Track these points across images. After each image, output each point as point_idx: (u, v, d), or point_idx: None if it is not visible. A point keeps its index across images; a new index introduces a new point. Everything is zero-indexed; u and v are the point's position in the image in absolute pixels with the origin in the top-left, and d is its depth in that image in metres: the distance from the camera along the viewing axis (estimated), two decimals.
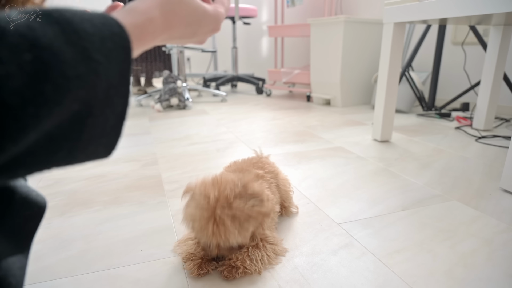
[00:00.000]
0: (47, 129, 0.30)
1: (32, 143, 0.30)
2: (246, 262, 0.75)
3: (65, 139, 0.32)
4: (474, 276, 0.75)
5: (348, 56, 2.78)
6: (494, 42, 1.91)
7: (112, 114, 0.34)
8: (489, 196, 1.15)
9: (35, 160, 0.32)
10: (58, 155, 0.33)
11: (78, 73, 0.30)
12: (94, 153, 0.36)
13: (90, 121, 0.32)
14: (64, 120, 0.30)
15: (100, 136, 0.35)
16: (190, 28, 0.47)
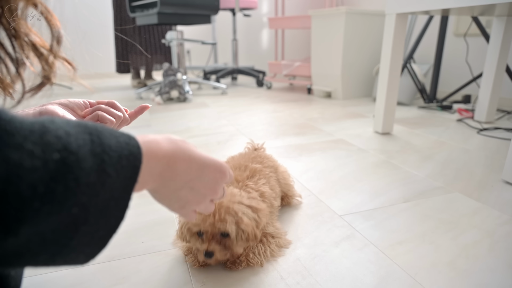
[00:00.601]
0: (40, 230, 0.30)
1: (23, 242, 0.30)
2: (250, 255, 0.75)
3: (53, 243, 0.32)
4: (476, 268, 0.75)
5: (349, 48, 2.77)
6: (497, 33, 1.90)
7: (104, 226, 0.35)
8: (491, 188, 1.15)
9: (18, 260, 0.31)
10: (40, 258, 0.33)
11: (89, 182, 0.31)
12: (73, 260, 0.35)
13: (83, 228, 0.33)
14: (60, 222, 0.31)
15: (87, 244, 0.35)
16: (192, 173, 0.47)
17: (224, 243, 0.73)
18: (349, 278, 0.72)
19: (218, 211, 0.71)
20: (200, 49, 4.37)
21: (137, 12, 2.84)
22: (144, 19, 2.78)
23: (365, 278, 0.72)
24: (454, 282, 0.71)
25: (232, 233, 0.72)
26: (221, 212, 0.71)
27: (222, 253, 0.73)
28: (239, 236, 0.73)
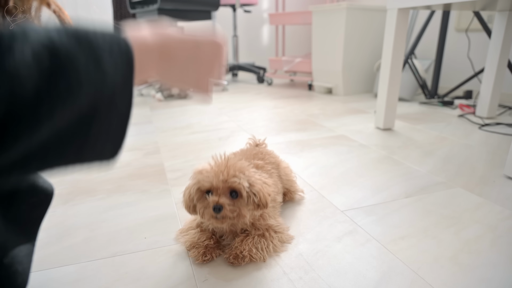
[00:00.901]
0: (57, 129, 0.33)
1: (45, 139, 0.32)
2: (253, 251, 0.75)
3: (73, 137, 0.35)
4: (478, 262, 0.75)
5: (350, 44, 2.76)
6: (498, 28, 1.89)
7: (116, 116, 0.37)
8: (493, 183, 1.15)
9: (46, 155, 0.34)
10: (67, 152, 0.35)
11: (89, 79, 0.33)
12: (102, 152, 0.38)
13: (96, 122, 0.35)
14: (74, 114, 0.33)
15: (107, 133, 0.37)
16: (188, 52, 0.48)
17: (233, 202, 0.73)
18: (351, 273, 0.72)
19: (230, 169, 0.72)
20: None
21: (137, 8, 2.83)
22: (144, 16, 2.78)
23: (367, 273, 0.72)
24: (457, 277, 0.71)
25: (243, 191, 0.71)
26: (234, 170, 0.72)
27: (230, 209, 0.71)
28: (250, 199, 0.73)
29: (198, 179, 0.74)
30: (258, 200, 0.73)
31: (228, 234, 0.82)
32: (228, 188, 0.72)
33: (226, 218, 0.72)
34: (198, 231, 0.81)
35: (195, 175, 0.75)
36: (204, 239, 0.79)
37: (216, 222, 0.73)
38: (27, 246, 0.60)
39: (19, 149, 0.31)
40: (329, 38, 2.83)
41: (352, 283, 0.69)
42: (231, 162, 0.74)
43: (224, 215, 0.71)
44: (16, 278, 0.56)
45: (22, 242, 0.58)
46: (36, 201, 0.60)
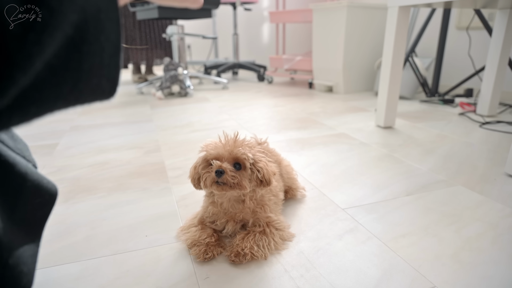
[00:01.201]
0: (47, 59, 0.31)
1: (37, 76, 0.31)
2: (254, 248, 0.75)
3: (65, 69, 0.32)
4: (479, 260, 0.75)
5: (351, 42, 2.76)
6: (499, 26, 1.89)
7: (106, 42, 0.35)
8: (494, 181, 1.15)
9: (42, 94, 0.32)
10: (63, 89, 0.33)
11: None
12: (98, 88, 0.36)
13: (85, 49, 0.33)
14: (60, 46, 0.31)
15: (100, 66, 0.35)
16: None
17: (236, 172, 0.75)
18: (352, 270, 0.72)
19: (237, 142, 0.76)
20: (201, 44, 4.36)
21: (137, 6, 2.83)
22: (145, 14, 2.77)
23: (368, 271, 0.72)
24: (458, 275, 0.71)
25: (246, 163, 0.75)
26: (241, 144, 0.76)
27: (232, 176, 0.73)
28: (253, 175, 0.76)
29: (205, 149, 0.78)
30: (261, 176, 0.76)
31: (229, 226, 0.82)
32: (233, 158, 0.75)
33: (227, 185, 0.74)
34: (199, 229, 0.82)
35: (203, 146, 0.79)
36: (205, 236, 0.79)
37: (217, 188, 0.75)
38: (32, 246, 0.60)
39: (15, 90, 0.29)
40: (329, 36, 2.83)
41: (353, 281, 0.69)
42: (239, 139, 0.79)
43: (225, 180, 0.73)
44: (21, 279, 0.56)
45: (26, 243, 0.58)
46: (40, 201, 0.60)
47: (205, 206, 0.85)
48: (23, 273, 0.55)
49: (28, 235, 0.59)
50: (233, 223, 0.82)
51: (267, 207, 0.83)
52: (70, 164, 1.32)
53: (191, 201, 1.03)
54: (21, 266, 0.55)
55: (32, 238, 0.60)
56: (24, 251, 0.57)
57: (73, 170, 1.27)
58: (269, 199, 0.85)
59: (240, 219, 0.82)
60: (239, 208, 0.81)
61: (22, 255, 0.56)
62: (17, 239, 0.56)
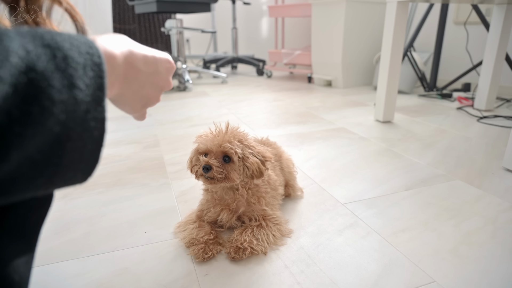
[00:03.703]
0: (29, 153, 0.31)
1: (15, 167, 0.30)
2: (253, 242, 0.75)
3: (45, 164, 0.32)
4: (479, 254, 0.76)
5: (350, 37, 2.75)
6: (496, 21, 1.88)
7: (89, 139, 0.35)
8: (492, 175, 1.15)
9: (16, 186, 0.32)
10: (38, 182, 0.33)
11: (62, 99, 0.31)
12: (72, 179, 0.36)
13: (69, 145, 0.33)
14: (46, 142, 0.31)
15: (79, 161, 0.35)
16: (150, 67, 0.49)
17: (224, 166, 0.77)
18: (353, 266, 0.72)
19: (227, 136, 0.77)
20: (200, 38, 4.33)
21: (136, 0, 2.81)
22: (143, 8, 2.75)
23: (369, 266, 0.72)
24: (457, 269, 0.71)
25: (234, 157, 0.76)
26: (230, 137, 0.77)
27: (219, 170, 0.75)
28: (244, 170, 0.78)
29: (197, 141, 0.80)
30: (250, 172, 0.78)
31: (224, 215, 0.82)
32: (221, 152, 0.77)
33: (214, 180, 0.76)
34: (197, 226, 0.81)
35: (196, 138, 0.81)
36: (203, 234, 0.78)
37: (205, 181, 0.78)
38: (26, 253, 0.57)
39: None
40: (328, 30, 2.82)
41: (353, 276, 0.69)
42: (232, 130, 0.79)
43: (212, 175, 0.75)
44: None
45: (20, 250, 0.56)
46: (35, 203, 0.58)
47: (202, 199, 0.86)
48: (14, 282, 0.53)
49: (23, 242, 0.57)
50: (227, 211, 0.82)
51: (262, 199, 0.83)
52: None
53: (191, 197, 1.03)
54: (13, 275, 0.53)
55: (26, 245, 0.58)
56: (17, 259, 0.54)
57: None
58: (265, 191, 0.84)
59: (234, 208, 0.82)
60: (232, 196, 0.82)
61: (15, 263, 0.54)
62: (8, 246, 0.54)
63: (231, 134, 0.78)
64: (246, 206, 0.82)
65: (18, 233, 0.56)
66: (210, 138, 0.78)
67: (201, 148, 0.78)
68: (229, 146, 0.75)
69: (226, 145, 0.76)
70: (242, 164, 0.78)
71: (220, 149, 0.76)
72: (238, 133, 0.80)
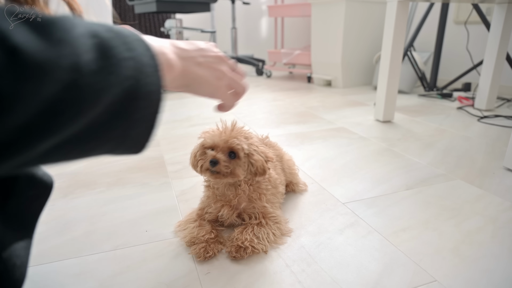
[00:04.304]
0: (106, 103, 0.33)
1: (95, 116, 0.33)
2: (254, 241, 0.75)
3: (117, 117, 0.35)
4: (480, 254, 0.76)
5: (349, 36, 2.75)
6: (497, 21, 1.88)
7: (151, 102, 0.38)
8: (493, 175, 1.15)
9: (86, 141, 0.35)
10: (112, 134, 0.37)
11: (127, 56, 0.35)
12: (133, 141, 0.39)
13: (135, 104, 0.36)
14: (118, 95, 0.34)
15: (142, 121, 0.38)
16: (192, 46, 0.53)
17: (230, 161, 0.77)
18: (354, 265, 0.72)
19: (234, 132, 0.78)
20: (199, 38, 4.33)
21: (135, 0, 2.81)
22: (143, 7, 2.75)
23: (369, 265, 0.72)
24: (458, 268, 0.71)
25: (240, 153, 0.76)
26: (237, 133, 0.78)
27: (225, 165, 0.76)
28: (248, 167, 0.79)
29: (203, 136, 0.80)
30: (255, 169, 0.79)
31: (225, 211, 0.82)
32: (227, 147, 0.77)
33: (220, 174, 0.77)
34: (197, 225, 0.81)
35: (201, 134, 0.81)
36: (204, 233, 0.78)
37: (211, 176, 0.78)
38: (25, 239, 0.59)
39: (65, 133, 0.31)
40: (328, 30, 2.82)
41: (354, 275, 0.69)
42: (237, 128, 0.80)
43: (219, 169, 0.76)
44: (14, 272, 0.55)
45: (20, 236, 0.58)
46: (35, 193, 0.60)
47: (204, 196, 0.87)
48: (16, 266, 0.55)
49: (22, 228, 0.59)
50: (228, 208, 0.82)
51: (263, 196, 0.83)
52: None
53: (191, 196, 1.03)
54: (14, 259, 0.55)
55: (25, 231, 0.60)
56: (17, 244, 0.56)
57: (72, 164, 1.26)
58: (266, 188, 0.84)
59: (235, 204, 0.82)
60: (234, 192, 0.82)
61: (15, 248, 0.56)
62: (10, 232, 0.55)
63: (237, 132, 0.79)
64: (247, 202, 0.82)
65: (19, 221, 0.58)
66: (217, 133, 0.78)
67: (207, 143, 0.79)
68: (236, 142, 0.76)
69: (233, 141, 0.76)
70: (247, 161, 0.78)
71: (226, 144, 0.76)
72: (244, 131, 0.80)
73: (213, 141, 0.77)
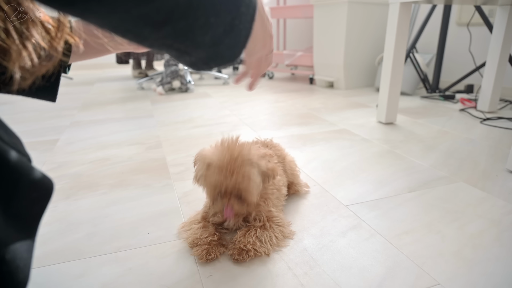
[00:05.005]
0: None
1: None
2: (257, 244, 0.75)
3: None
4: (482, 256, 0.75)
5: (352, 38, 2.75)
6: (500, 23, 1.88)
7: (247, 17, 0.40)
8: (495, 177, 1.15)
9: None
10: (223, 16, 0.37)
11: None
12: (231, 43, 0.40)
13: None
14: None
15: (241, 24, 0.40)
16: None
17: (240, 195, 0.75)
18: (356, 268, 0.72)
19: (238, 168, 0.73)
20: None
21: None
22: None
23: (372, 268, 0.72)
24: (461, 271, 0.71)
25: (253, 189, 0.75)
26: (242, 169, 0.73)
27: (239, 206, 0.75)
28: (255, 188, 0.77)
29: (205, 175, 0.76)
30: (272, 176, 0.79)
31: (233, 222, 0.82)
32: (236, 188, 0.74)
33: (237, 215, 0.78)
34: (201, 227, 0.81)
35: (201, 164, 0.77)
36: (207, 235, 0.78)
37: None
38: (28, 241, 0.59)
39: None
40: (330, 31, 2.82)
41: (357, 278, 0.69)
42: (237, 154, 0.74)
43: (235, 213, 0.76)
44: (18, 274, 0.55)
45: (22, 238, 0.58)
46: (36, 196, 0.60)
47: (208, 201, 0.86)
48: (19, 268, 0.55)
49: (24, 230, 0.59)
50: (235, 217, 0.82)
51: (269, 200, 0.83)
52: (71, 160, 1.32)
53: (194, 198, 1.02)
54: (18, 261, 0.55)
55: (28, 233, 0.60)
56: (20, 245, 0.56)
57: (74, 166, 1.27)
58: (272, 192, 0.84)
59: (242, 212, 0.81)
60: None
61: (18, 250, 0.56)
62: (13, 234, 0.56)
63: (242, 161, 0.74)
64: (255, 207, 0.82)
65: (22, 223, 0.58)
66: (222, 177, 0.73)
67: (212, 184, 0.75)
68: (245, 188, 0.74)
69: (242, 187, 0.73)
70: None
71: (236, 187, 0.74)
72: (248, 155, 0.75)
73: (221, 184, 0.74)
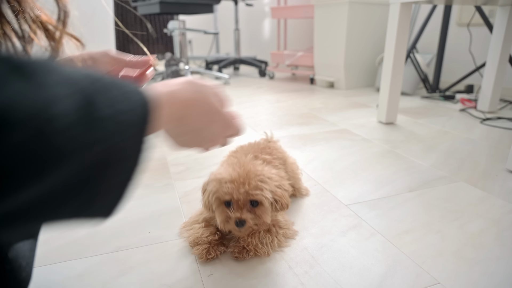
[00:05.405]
0: (67, 172, 0.29)
1: (50, 187, 0.29)
2: (258, 245, 0.75)
3: (80, 187, 0.31)
4: (483, 256, 0.75)
5: (352, 38, 2.75)
6: (500, 23, 1.88)
7: (125, 169, 0.35)
8: (496, 177, 1.15)
9: (43, 209, 0.30)
10: (67, 208, 0.32)
11: (106, 116, 0.30)
12: (97, 211, 0.35)
13: (106, 172, 0.33)
14: (85, 165, 0.30)
15: (108, 191, 0.35)
16: (203, 119, 0.49)
17: (254, 211, 0.74)
18: (356, 267, 0.72)
19: (251, 180, 0.72)
20: (202, 39, 4.34)
21: (138, 1, 2.82)
22: (146, 9, 2.76)
23: (372, 267, 0.72)
24: (461, 271, 0.71)
25: (265, 202, 0.73)
26: (255, 180, 0.72)
27: (253, 221, 0.73)
28: (272, 206, 0.75)
29: (217, 189, 0.74)
30: (280, 206, 0.76)
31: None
32: (249, 199, 0.73)
33: (249, 229, 0.75)
34: (203, 226, 0.81)
35: (213, 182, 0.75)
36: (208, 234, 0.78)
37: (239, 232, 0.75)
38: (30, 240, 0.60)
39: (30, 194, 0.27)
40: (331, 32, 2.82)
41: (357, 277, 0.69)
42: (249, 169, 0.74)
43: (248, 227, 0.73)
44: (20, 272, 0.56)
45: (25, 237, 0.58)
46: None
47: None
48: (22, 266, 0.56)
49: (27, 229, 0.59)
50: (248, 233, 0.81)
51: None
52: None
53: (194, 197, 1.03)
54: (20, 260, 0.55)
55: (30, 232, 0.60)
56: (22, 245, 0.57)
57: None
58: None
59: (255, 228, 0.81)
60: None
61: (21, 248, 0.56)
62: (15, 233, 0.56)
63: (254, 177, 0.73)
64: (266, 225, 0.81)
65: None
66: (232, 185, 0.72)
67: (224, 197, 0.73)
68: (259, 194, 0.72)
69: (255, 193, 0.72)
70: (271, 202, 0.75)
71: (248, 197, 0.73)
72: (259, 173, 0.75)
73: (232, 196, 0.72)
